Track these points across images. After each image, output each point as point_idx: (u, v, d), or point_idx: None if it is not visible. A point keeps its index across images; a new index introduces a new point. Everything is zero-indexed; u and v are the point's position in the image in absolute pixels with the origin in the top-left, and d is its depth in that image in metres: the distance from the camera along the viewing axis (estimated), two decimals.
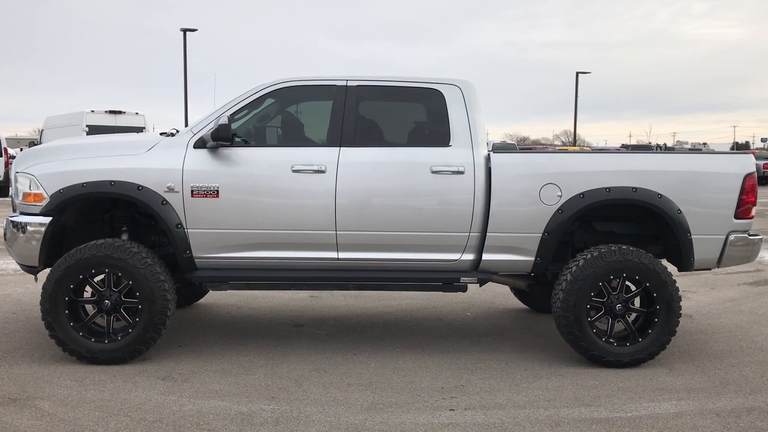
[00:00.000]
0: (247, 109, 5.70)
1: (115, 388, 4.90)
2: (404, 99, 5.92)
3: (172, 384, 5.02)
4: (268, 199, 5.47)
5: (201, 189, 5.42)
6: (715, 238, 5.63)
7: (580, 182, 5.51)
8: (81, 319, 5.47)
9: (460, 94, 5.69)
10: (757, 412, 4.65)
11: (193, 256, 5.49)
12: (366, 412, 4.56)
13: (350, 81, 5.69)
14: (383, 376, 5.29)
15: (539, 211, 5.52)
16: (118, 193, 5.42)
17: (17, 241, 5.49)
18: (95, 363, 5.36)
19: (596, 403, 4.78)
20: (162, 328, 5.43)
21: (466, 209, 5.50)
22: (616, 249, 5.50)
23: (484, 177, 5.51)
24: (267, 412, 4.52)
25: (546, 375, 5.37)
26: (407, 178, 5.52)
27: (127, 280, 5.36)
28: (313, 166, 5.46)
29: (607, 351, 5.49)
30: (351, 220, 5.48)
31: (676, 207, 5.51)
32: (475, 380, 5.22)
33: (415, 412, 4.58)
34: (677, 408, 4.70)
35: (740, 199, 5.60)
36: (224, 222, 5.45)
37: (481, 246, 5.57)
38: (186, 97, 33.78)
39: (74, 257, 5.32)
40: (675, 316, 5.51)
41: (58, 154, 5.61)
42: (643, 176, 5.54)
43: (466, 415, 4.54)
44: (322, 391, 4.94)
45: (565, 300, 5.47)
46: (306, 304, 7.71)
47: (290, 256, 5.55)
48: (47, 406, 4.56)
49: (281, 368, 5.42)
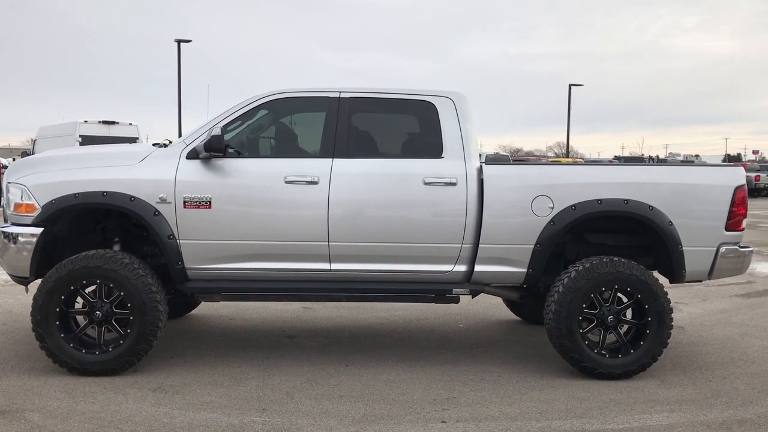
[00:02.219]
0: (240, 120, 5.71)
1: (106, 400, 4.87)
2: (397, 111, 5.95)
3: (163, 396, 5.00)
4: (261, 210, 5.47)
5: (193, 200, 5.41)
6: (706, 250, 5.65)
7: (571, 194, 5.54)
8: (72, 331, 5.44)
9: (452, 106, 5.72)
10: (749, 425, 4.65)
11: (185, 267, 5.48)
12: (357, 425, 4.55)
13: (343, 93, 5.71)
14: (375, 387, 5.28)
15: (531, 223, 5.53)
16: (110, 203, 5.41)
17: (8, 251, 5.46)
18: (86, 374, 5.33)
19: (588, 415, 4.78)
20: (153, 340, 5.41)
21: (458, 221, 5.51)
22: (607, 261, 5.52)
23: (477, 189, 5.53)
24: (258, 424, 4.50)
25: (538, 387, 5.37)
26: (400, 189, 5.53)
27: (119, 291, 5.34)
28: (306, 177, 5.47)
29: (599, 363, 5.50)
30: (343, 232, 5.48)
31: (668, 219, 5.54)
32: (467, 392, 5.22)
33: (407, 424, 4.57)
34: (669, 420, 4.71)
35: (731, 211, 5.64)
36: (216, 233, 5.45)
37: (474, 257, 5.58)
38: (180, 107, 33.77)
39: (65, 268, 5.30)
40: (666, 328, 5.52)
41: (51, 165, 5.60)
42: (635, 188, 5.57)
43: (457, 427, 4.54)
44: (314, 402, 4.93)
45: (557, 311, 5.48)
46: (298, 315, 7.69)
47: (283, 267, 5.55)
48: (37, 418, 4.53)
49: (273, 380, 5.40)
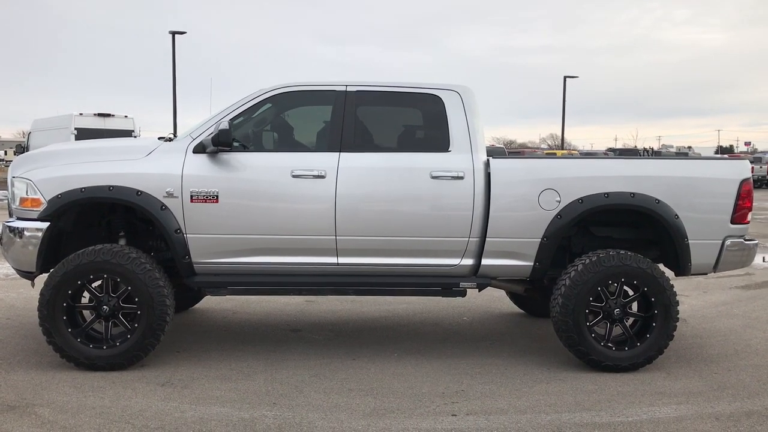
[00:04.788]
0: (246, 114, 5.68)
1: (115, 395, 4.86)
2: (404, 104, 5.93)
3: (172, 390, 4.99)
4: (268, 204, 5.46)
5: (200, 194, 5.40)
6: (712, 243, 5.68)
7: (578, 188, 5.54)
8: (79, 325, 5.43)
9: (459, 99, 5.71)
10: (756, 416, 4.69)
11: (192, 262, 5.47)
12: (368, 418, 4.56)
13: (350, 86, 5.70)
14: (383, 381, 5.29)
15: (538, 217, 5.54)
16: (117, 198, 5.39)
17: (14, 246, 5.43)
18: (93, 369, 5.32)
19: (597, 408, 4.80)
20: (161, 334, 5.40)
21: (465, 214, 5.51)
22: (614, 254, 5.53)
23: (484, 182, 5.53)
24: (269, 419, 4.50)
25: (546, 379, 5.39)
26: (407, 183, 5.52)
27: (126, 285, 5.33)
28: (313, 172, 5.46)
29: (605, 355, 5.52)
30: (350, 225, 5.48)
31: (674, 212, 5.56)
32: (475, 385, 5.23)
33: (418, 417, 4.59)
34: (677, 412, 4.74)
35: (736, 205, 5.66)
36: (223, 227, 5.43)
37: (481, 251, 5.59)
38: (175, 100, 33.54)
39: (72, 263, 5.28)
40: (673, 321, 5.55)
41: (56, 159, 5.57)
42: (641, 182, 5.58)
43: (468, 420, 4.55)
44: (324, 396, 4.94)
45: (564, 305, 5.49)
46: (302, 308, 7.69)
47: (290, 261, 5.55)
48: (47, 413, 4.52)
49: (281, 374, 5.40)
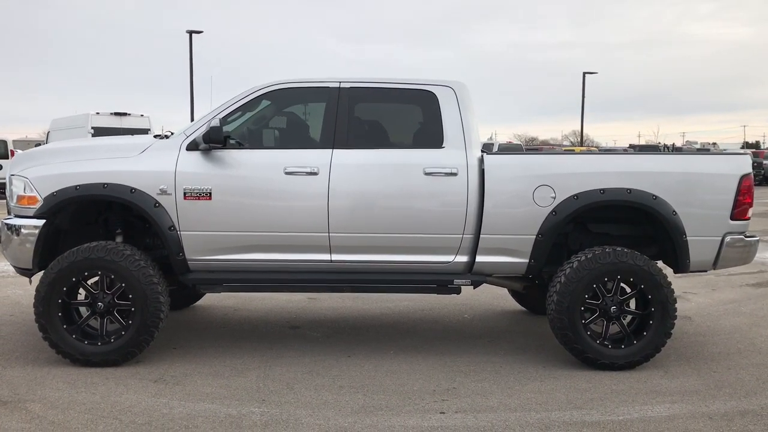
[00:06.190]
0: (240, 111, 5.70)
1: (107, 391, 4.90)
2: (397, 101, 5.91)
3: (163, 386, 5.02)
4: (261, 201, 5.47)
5: (194, 191, 5.42)
6: (711, 239, 5.58)
7: (574, 184, 5.48)
8: (74, 322, 5.48)
9: (453, 95, 5.67)
10: (751, 416, 4.60)
11: (186, 259, 5.50)
12: (356, 415, 4.54)
13: (343, 83, 5.68)
14: (376, 378, 5.27)
15: (533, 213, 5.49)
16: (111, 195, 5.43)
17: (11, 243, 5.50)
18: (88, 365, 5.37)
19: (588, 406, 4.74)
20: (155, 331, 5.43)
21: (459, 211, 5.48)
22: (610, 251, 5.46)
23: (478, 178, 5.49)
24: (256, 415, 4.51)
25: (539, 377, 5.34)
26: (400, 179, 5.50)
27: (120, 282, 5.37)
28: (306, 168, 5.46)
29: (601, 353, 5.46)
30: (344, 222, 5.47)
31: (672, 208, 5.47)
32: (467, 383, 5.20)
33: (405, 414, 4.57)
34: (670, 411, 4.66)
35: (736, 200, 5.55)
36: (217, 224, 5.45)
37: (475, 248, 5.55)
38: (192, 98, 33.92)
39: (67, 260, 5.34)
40: (670, 319, 5.47)
41: (53, 157, 5.63)
42: (638, 177, 5.50)
43: (456, 418, 4.52)
44: (314, 393, 4.93)
45: (559, 302, 5.43)
46: (303, 306, 7.70)
47: (283, 258, 5.55)
48: (37, 408, 4.57)
49: (274, 371, 5.41)
